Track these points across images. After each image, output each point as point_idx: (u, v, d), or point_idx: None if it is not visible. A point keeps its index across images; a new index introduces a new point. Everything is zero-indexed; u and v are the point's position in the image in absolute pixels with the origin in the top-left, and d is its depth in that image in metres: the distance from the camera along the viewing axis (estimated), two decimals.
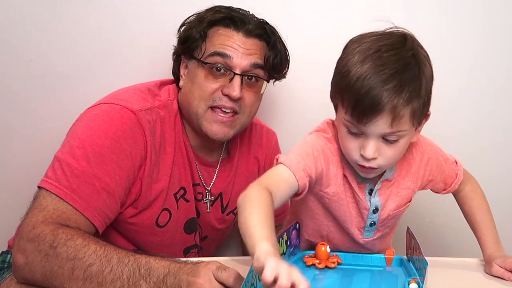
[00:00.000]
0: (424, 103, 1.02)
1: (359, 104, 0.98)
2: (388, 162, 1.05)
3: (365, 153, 1.02)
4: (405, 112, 0.99)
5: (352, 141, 1.04)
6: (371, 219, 1.15)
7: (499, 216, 1.68)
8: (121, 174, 1.19)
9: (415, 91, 0.99)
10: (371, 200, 1.13)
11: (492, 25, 1.62)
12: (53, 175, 1.15)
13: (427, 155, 1.18)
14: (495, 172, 1.69)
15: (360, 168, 1.06)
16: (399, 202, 1.16)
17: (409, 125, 1.02)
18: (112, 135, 1.19)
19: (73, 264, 1.03)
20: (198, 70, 1.29)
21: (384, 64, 0.98)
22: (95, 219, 1.14)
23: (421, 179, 1.18)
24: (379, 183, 1.12)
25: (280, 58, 1.34)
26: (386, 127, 0.99)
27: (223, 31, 1.29)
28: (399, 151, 1.05)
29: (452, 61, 1.63)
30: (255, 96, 1.32)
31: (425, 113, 1.05)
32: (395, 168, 1.14)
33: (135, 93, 1.30)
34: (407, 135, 1.04)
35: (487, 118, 1.68)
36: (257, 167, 1.50)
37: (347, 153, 1.07)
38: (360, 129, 1.01)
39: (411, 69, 0.99)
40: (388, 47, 1.01)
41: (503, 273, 1.14)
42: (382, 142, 1.02)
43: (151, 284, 1.00)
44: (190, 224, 1.38)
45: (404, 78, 0.98)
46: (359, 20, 1.61)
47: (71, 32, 1.60)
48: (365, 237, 1.18)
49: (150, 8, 1.60)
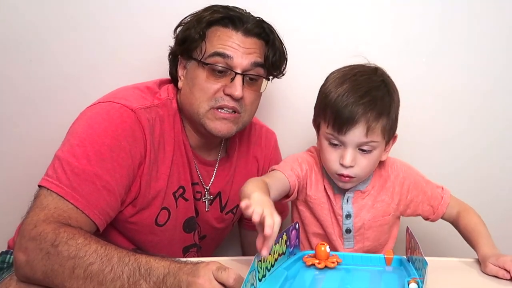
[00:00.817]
0: (393, 121, 1.22)
1: (339, 116, 1.17)
2: (363, 171, 1.21)
3: (344, 161, 1.19)
4: (377, 124, 1.18)
5: (332, 153, 1.21)
6: (346, 225, 1.28)
7: (499, 216, 1.69)
8: (121, 172, 1.19)
9: (385, 106, 1.20)
10: (343, 206, 1.27)
11: (496, 25, 1.63)
12: (53, 174, 1.15)
13: (402, 174, 1.32)
14: (495, 172, 1.69)
15: (339, 177, 1.22)
16: (374, 213, 1.29)
17: (381, 138, 1.20)
18: (112, 133, 1.19)
19: (74, 263, 1.03)
20: (198, 71, 1.29)
21: (359, 84, 1.19)
22: (95, 217, 1.15)
23: (398, 196, 1.31)
24: (351, 191, 1.27)
25: (279, 56, 1.35)
26: (362, 135, 1.17)
27: (222, 31, 1.29)
28: (372, 162, 1.22)
29: (454, 62, 1.63)
30: (255, 94, 1.32)
31: (394, 130, 1.24)
32: (369, 182, 1.29)
33: (135, 92, 1.30)
34: (379, 147, 1.21)
35: (488, 118, 1.68)
36: (256, 167, 1.50)
37: (327, 165, 1.23)
38: (340, 139, 1.19)
39: (381, 89, 1.21)
40: (363, 73, 1.22)
41: (497, 271, 1.15)
42: (358, 152, 1.20)
43: (151, 284, 1.00)
44: (189, 223, 1.38)
45: (376, 95, 1.19)
46: (357, 17, 1.62)
47: (71, 32, 1.60)
48: (346, 247, 1.28)
49: (149, 8, 1.60)
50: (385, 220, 1.30)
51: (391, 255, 1.16)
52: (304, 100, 1.64)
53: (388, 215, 1.30)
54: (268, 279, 1.03)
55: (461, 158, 1.69)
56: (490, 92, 1.66)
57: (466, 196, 1.36)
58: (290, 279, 1.07)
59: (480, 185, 1.70)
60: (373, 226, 1.28)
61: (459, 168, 1.68)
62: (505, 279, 1.13)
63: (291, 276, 1.08)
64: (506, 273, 1.13)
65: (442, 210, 1.32)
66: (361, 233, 1.29)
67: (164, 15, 1.54)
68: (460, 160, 1.68)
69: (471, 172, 1.70)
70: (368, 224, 1.28)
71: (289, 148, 1.61)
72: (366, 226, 1.28)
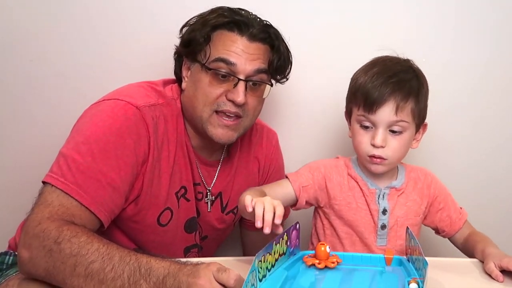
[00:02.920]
0: (422, 106, 1.25)
1: (369, 96, 1.21)
2: (394, 154, 1.23)
3: (375, 141, 1.22)
4: (406, 104, 1.21)
5: (364, 135, 1.24)
6: (382, 220, 1.29)
7: (499, 216, 1.70)
8: (126, 169, 1.19)
9: (413, 88, 1.23)
10: (380, 202, 1.28)
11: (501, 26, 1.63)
12: (58, 171, 1.15)
13: (430, 178, 1.35)
14: (494, 172, 1.69)
15: (371, 159, 1.24)
16: (407, 211, 1.30)
17: (411, 119, 1.23)
18: (116, 130, 1.19)
19: (76, 261, 1.03)
20: (201, 75, 1.29)
21: (389, 68, 1.25)
22: (100, 213, 1.15)
23: (427, 198, 1.33)
24: (387, 188, 1.29)
25: (283, 61, 1.34)
26: (392, 114, 1.20)
27: (227, 35, 1.28)
28: (403, 145, 1.24)
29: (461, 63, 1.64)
30: (258, 100, 1.32)
31: (423, 116, 1.27)
32: (404, 180, 1.31)
33: (139, 90, 1.30)
34: (409, 129, 1.24)
35: (488, 118, 1.68)
36: (257, 167, 1.50)
37: (359, 148, 1.26)
38: (371, 120, 1.22)
39: (410, 73, 1.26)
40: (392, 59, 1.28)
41: (492, 271, 1.16)
42: (389, 133, 1.23)
43: (151, 284, 1.01)
44: (190, 223, 1.38)
45: (404, 77, 1.24)
46: (362, 20, 1.62)
47: (71, 32, 1.60)
48: (379, 244, 1.29)
49: (152, 7, 1.60)
50: (416, 220, 1.31)
51: (391, 255, 1.16)
52: (305, 101, 1.65)
53: (418, 215, 1.32)
54: (269, 279, 1.03)
55: (462, 158, 1.69)
56: (492, 93, 1.66)
57: (470, 197, 1.37)
58: (290, 279, 1.06)
59: (480, 184, 1.70)
60: (405, 224, 1.25)
61: (462, 170, 1.69)
62: (497, 280, 1.14)
63: (291, 276, 1.08)
64: (500, 276, 1.14)
65: (459, 224, 1.34)
66: (394, 230, 1.29)
67: (168, 16, 1.54)
68: (464, 162, 1.69)
69: (472, 172, 1.70)
70: (401, 221, 1.29)
71: (292, 149, 1.61)
72: (399, 223, 1.29)
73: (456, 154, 1.69)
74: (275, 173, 1.51)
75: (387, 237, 1.29)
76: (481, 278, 1.17)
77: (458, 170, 1.68)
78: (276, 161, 1.53)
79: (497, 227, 1.31)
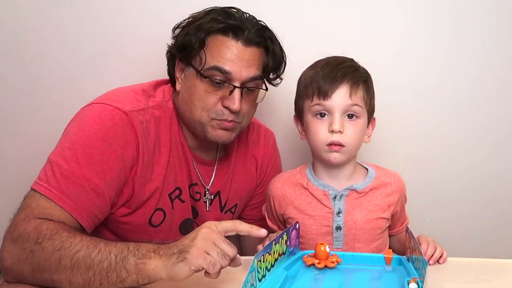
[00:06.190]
0: (371, 94, 1.27)
1: (323, 82, 1.22)
2: (351, 140, 1.23)
3: (333, 126, 1.21)
4: (358, 88, 1.23)
5: (320, 124, 1.23)
6: (336, 222, 1.26)
7: (499, 216, 1.69)
8: (111, 175, 1.19)
9: (363, 75, 1.26)
10: (335, 203, 1.27)
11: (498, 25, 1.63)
12: (44, 177, 1.15)
13: (401, 186, 1.33)
14: (495, 172, 1.69)
15: (330, 148, 1.22)
16: (367, 214, 1.28)
17: (363, 104, 1.24)
18: (102, 136, 1.19)
19: (60, 254, 1.03)
20: (197, 81, 1.28)
21: (335, 59, 1.27)
22: (83, 220, 1.14)
23: (393, 206, 1.30)
24: (346, 190, 1.28)
25: (278, 62, 1.34)
26: (347, 97, 1.21)
27: (222, 40, 1.27)
28: (359, 131, 1.24)
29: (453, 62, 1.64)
30: (251, 104, 1.32)
31: (373, 107, 1.28)
32: (370, 184, 1.29)
33: (129, 94, 1.29)
34: (363, 116, 1.25)
35: (489, 118, 1.68)
36: (255, 167, 1.50)
37: (316, 139, 1.24)
38: (327, 106, 1.22)
39: (356, 64, 1.28)
40: (336, 56, 1.29)
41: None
42: (345, 119, 1.23)
43: (139, 255, 1.00)
44: (186, 224, 1.38)
45: (352, 65, 1.27)
46: (357, 19, 1.62)
47: (71, 32, 1.60)
48: (335, 247, 1.26)
49: (150, 7, 1.60)
50: (378, 223, 1.28)
51: (391, 255, 1.16)
52: None
53: (382, 219, 1.29)
54: (268, 279, 1.03)
55: (462, 157, 1.69)
56: (491, 92, 1.66)
57: (466, 197, 1.36)
58: (290, 279, 1.07)
59: (480, 184, 1.70)
60: (365, 228, 1.27)
61: (460, 169, 1.69)
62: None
63: (291, 276, 1.08)
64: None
65: (403, 227, 1.35)
66: (352, 233, 1.27)
67: (162, 15, 1.54)
68: (462, 161, 1.68)
69: (472, 171, 1.70)
70: (360, 224, 1.27)
71: (289, 149, 1.61)
72: (358, 226, 1.27)
73: (456, 154, 1.68)
74: (273, 173, 1.50)
75: (344, 239, 1.27)
76: (481, 278, 1.17)
77: (458, 170, 1.68)
78: (274, 162, 1.53)
79: (496, 227, 1.31)
